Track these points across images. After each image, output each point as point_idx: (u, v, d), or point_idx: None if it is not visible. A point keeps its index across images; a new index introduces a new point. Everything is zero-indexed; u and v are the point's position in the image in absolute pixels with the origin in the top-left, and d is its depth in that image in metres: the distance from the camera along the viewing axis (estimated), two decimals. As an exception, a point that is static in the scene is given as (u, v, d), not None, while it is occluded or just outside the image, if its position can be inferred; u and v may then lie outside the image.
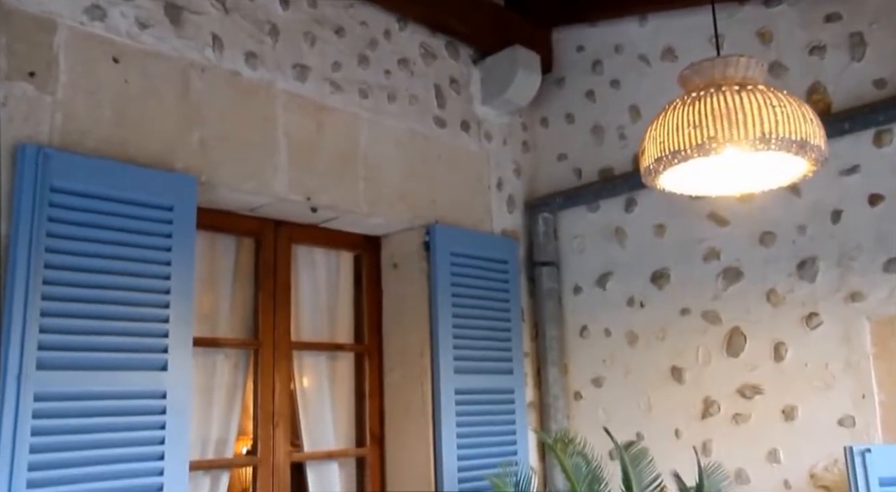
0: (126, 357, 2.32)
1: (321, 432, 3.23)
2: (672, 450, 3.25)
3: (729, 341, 3.27)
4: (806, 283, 3.10)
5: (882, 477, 2.57)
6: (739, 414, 3.21)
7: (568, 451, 2.61)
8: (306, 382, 3.23)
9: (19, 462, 2.06)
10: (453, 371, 3.20)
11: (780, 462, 3.10)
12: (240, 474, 6.13)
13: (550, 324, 3.64)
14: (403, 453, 3.24)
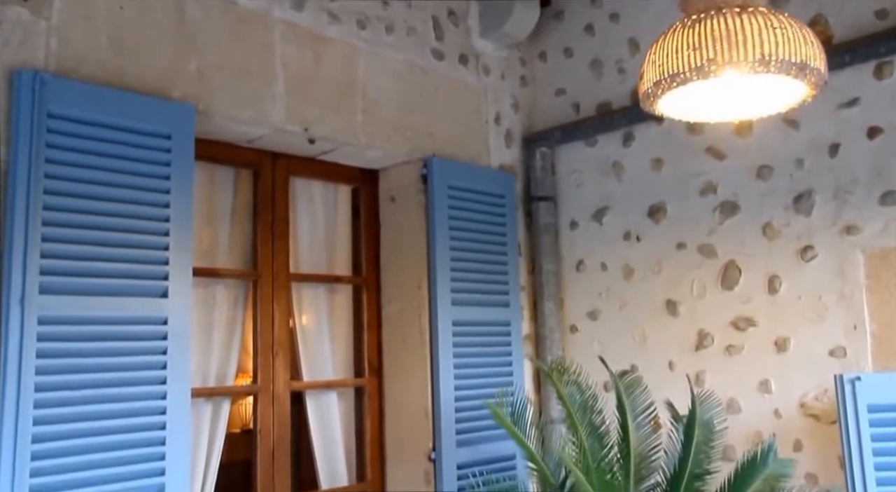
0: (127, 284, 2.35)
1: (320, 363, 3.30)
2: (665, 381, 3.33)
3: (724, 275, 3.32)
4: (802, 216, 3.13)
5: (871, 404, 2.64)
6: (732, 346, 3.28)
7: (563, 379, 2.68)
8: (305, 314, 3.28)
9: (25, 383, 2.12)
10: (451, 303, 3.26)
11: (771, 392, 3.18)
12: (240, 410, 6.27)
13: (547, 258, 3.68)
14: (401, 384, 3.32)
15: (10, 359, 2.10)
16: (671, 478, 2.54)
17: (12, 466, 2.07)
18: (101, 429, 2.25)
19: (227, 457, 2.97)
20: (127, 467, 2.29)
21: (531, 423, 2.63)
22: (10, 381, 2.09)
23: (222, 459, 2.94)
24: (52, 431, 2.16)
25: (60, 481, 2.16)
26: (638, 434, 2.61)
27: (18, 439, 2.08)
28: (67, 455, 2.18)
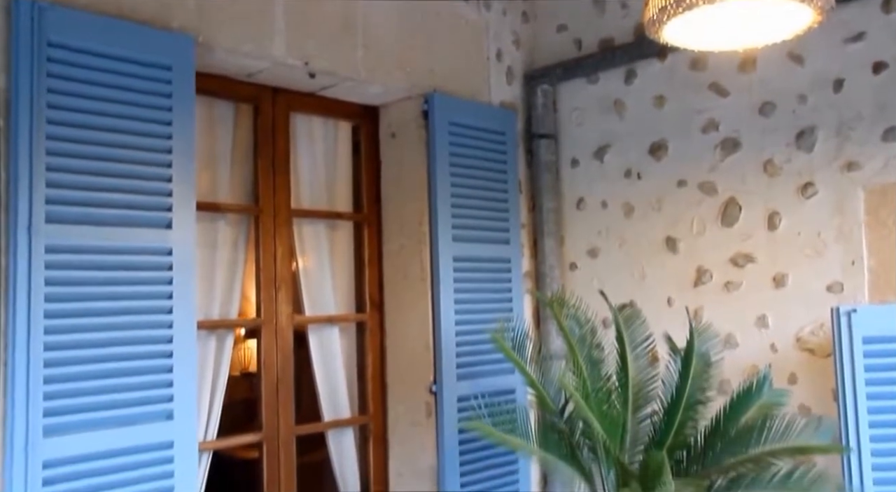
0: (132, 214, 2.38)
1: (322, 299, 3.35)
2: (664, 317, 3.39)
3: (724, 212, 3.35)
4: (803, 153, 3.15)
5: (866, 336, 2.70)
6: (731, 282, 3.33)
7: (563, 312, 2.72)
8: (306, 250, 3.31)
9: (36, 310, 2.16)
10: (451, 239, 3.29)
11: (768, 327, 3.25)
12: (240, 354, 6.36)
13: (547, 196, 3.70)
14: (402, 319, 3.38)
15: (19, 286, 2.13)
16: (668, 406, 2.61)
17: (26, 389, 2.12)
18: (110, 355, 2.30)
19: (229, 398, 3.03)
20: (136, 392, 2.35)
21: (531, 351, 2.68)
22: (21, 307, 2.13)
23: (225, 399, 3.00)
24: (64, 356, 2.21)
25: (73, 404, 2.22)
26: (636, 365, 2.67)
27: (31, 364, 2.13)
28: (79, 380, 2.24)
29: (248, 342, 6.22)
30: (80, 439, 2.23)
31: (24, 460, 2.11)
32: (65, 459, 2.19)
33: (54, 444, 2.17)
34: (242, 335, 6.22)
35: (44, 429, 2.15)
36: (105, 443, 2.27)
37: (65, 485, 2.19)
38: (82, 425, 2.24)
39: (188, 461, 2.45)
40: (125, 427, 2.32)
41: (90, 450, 2.24)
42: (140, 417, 2.35)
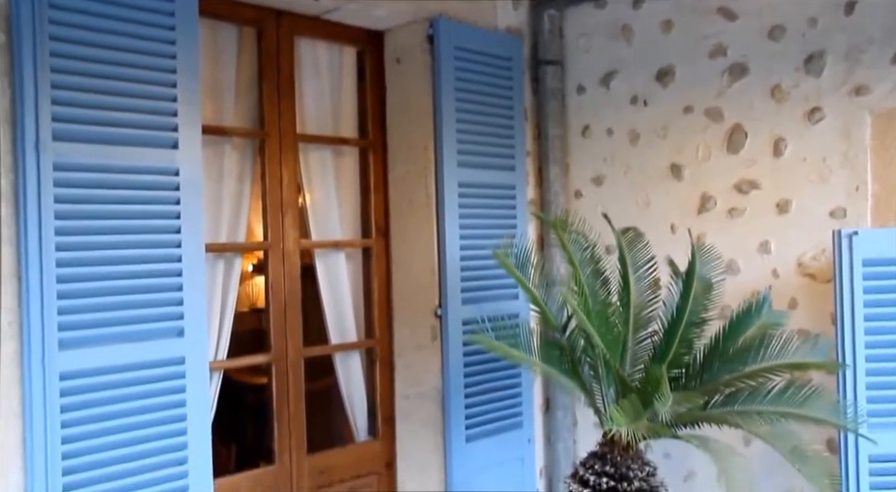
0: (138, 134, 2.40)
1: (328, 224, 3.39)
2: (667, 244, 3.40)
3: (729, 138, 3.35)
4: (812, 78, 3.13)
5: (866, 258, 2.73)
6: (735, 208, 3.35)
7: (567, 235, 2.75)
8: (312, 176, 3.33)
9: (46, 227, 2.20)
10: (456, 165, 3.31)
11: (770, 253, 3.28)
12: (247, 290, 6.44)
13: (553, 123, 3.70)
14: (408, 244, 3.42)
15: (30, 203, 2.17)
16: (668, 326, 2.66)
17: (40, 304, 2.18)
18: (121, 273, 2.36)
19: (238, 330, 3.09)
20: (147, 309, 2.41)
21: (534, 269, 2.72)
22: (32, 224, 2.17)
23: (235, 331, 3.06)
24: (76, 273, 2.27)
25: (86, 319, 2.29)
26: (638, 286, 2.72)
27: (44, 280, 2.19)
28: (91, 296, 2.30)
29: (256, 279, 6.29)
30: (95, 353, 2.30)
31: (42, 372, 2.19)
32: (80, 371, 2.27)
33: (70, 357, 2.24)
34: (250, 271, 6.29)
35: (59, 342, 2.22)
36: (118, 357, 2.34)
37: (81, 396, 2.27)
38: (96, 340, 2.31)
39: (199, 377, 2.52)
40: (137, 343, 2.39)
41: (104, 363, 2.32)
42: (152, 333, 2.42)
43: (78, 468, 2.26)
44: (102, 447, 2.30)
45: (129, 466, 2.35)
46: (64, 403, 2.23)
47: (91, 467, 2.28)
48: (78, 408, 2.26)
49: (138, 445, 2.37)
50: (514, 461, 3.56)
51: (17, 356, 2.19)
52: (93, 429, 2.29)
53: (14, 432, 2.18)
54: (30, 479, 2.18)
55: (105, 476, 2.31)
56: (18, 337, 2.19)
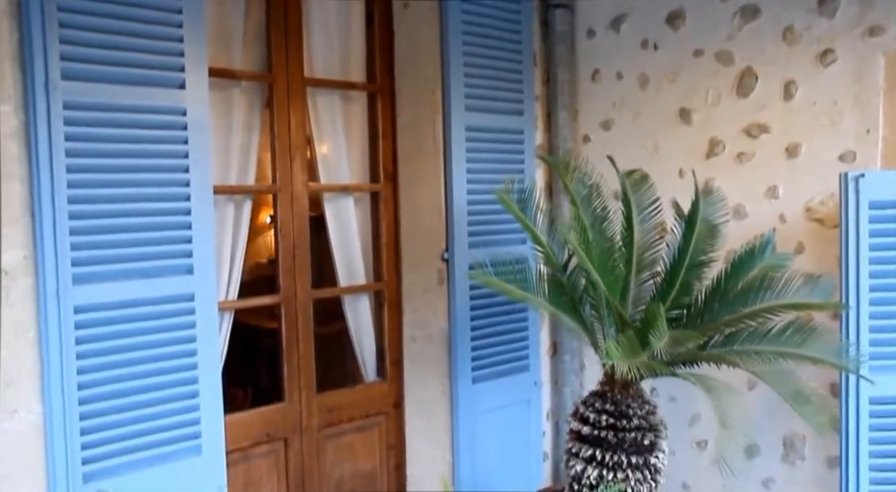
0: (146, 74, 2.46)
1: (336, 169, 3.43)
2: (676, 189, 3.43)
3: (740, 82, 3.34)
4: (825, 19, 3.10)
5: (873, 200, 2.74)
6: (744, 153, 3.36)
7: (571, 176, 2.78)
8: (321, 121, 3.36)
9: (58, 165, 2.28)
10: (464, 109, 3.34)
11: (777, 198, 3.30)
12: (266, 241, 6.51)
13: (562, 68, 3.70)
14: (416, 189, 3.47)
15: (41, 142, 2.24)
16: (671, 267, 2.70)
17: (54, 240, 2.27)
18: (132, 211, 2.44)
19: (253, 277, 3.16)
20: (157, 247, 2.50)
21: (538, 209, 2.75)
22: (44, 162, 2.25)
23: (249, 279, 3.13)
24: (87, 210, 2.35)
25: (98, 255, 2.38)
26: (641, 228, 2.75)
27: (57, 216, 2.27)
28: (102, 233, 2.39)
29: (273, 232, 6.34)
30: (108, 288, 2.39)
31: (57, 305, 2.28)
32: (94, 305, 2.36)
33: (83, 291, 2.34)
34: (268, 223, 6.36)
35: (73, 277, 2.31)
36: (130, 292, 2.44)
37: (95, 330, 2.37)
38: (108, 276, 2.40)
39: (208, 315, 2.62)
40: (148, 279, 2.48)
41: (117, 298, 2.41)
42: (162, 270, 2.51)
43: (93, 399, 2.37)
44: (116, 379, 2.41)
45: (142, 397, 2.46)
46: (79, 335, 2.33)
47: (106, 398, 2.39)
48: (92, 341, 2.36)
49: (151, 377, 2.48)
50: (520, 404, 3.65)
51: (33, 291, 2.28)
52: (107, 361, 2.39)
53: (32, 364, 2.28)
54: (48, 407, 2.29)
55: (119, 407, 2.42)
56: (34, 272, 2.28)
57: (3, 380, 2.23)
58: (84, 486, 2.34)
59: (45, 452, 2.29)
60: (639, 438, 2.61)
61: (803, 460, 3.35)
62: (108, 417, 2.40)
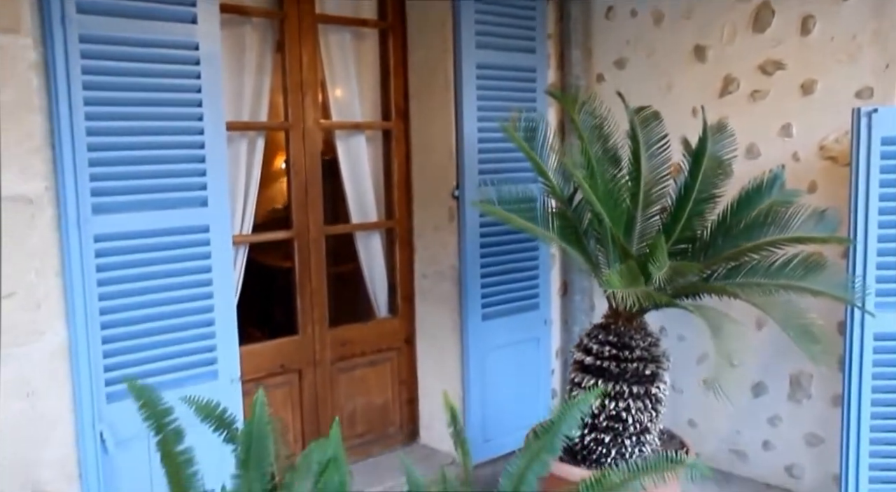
0: (157, 7, 2.56)
1: (348, 107, 3.54)
2: (688, 128, 3.45)
3: (756, 17, 3.37)
4: (845, -49, 3.12)
5: (885, 136, 2.79)
6: (758, 91, 3.41)
7: (579, 110, 2.85)
8: (332, 59, 3.46)
9: (76, 97, 2.40)
10: (475, 46, 3.41)
11: (791, 136, 3.36)
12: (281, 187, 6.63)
13: (576, 4, 3.74)
14: (427, 127, 3.57)
15: (59, 75, 2.37)
16: (677, 202, 2.79)
17: (74, 171, 2.41)
18: (148, 143, 2.58)
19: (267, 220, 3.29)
20: (173, 179, 2.64)
21: (545, 141, 2.84)
22: (62, 94, 2.37)
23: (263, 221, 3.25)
24: (105, 142, 2.48)
25: (116, 186, 2.52)
26: (649, 164, 2.83)
27: (76, 147, 2.41)
28: (120, 164, 2.53)
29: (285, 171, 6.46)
30: (126, 218, 2.54)
31: (78, 234, 2.44)
32: (113, 235, 2.52)
33: (103, 221, 2.49)
34: (283, 168, 6.47)
35: (92, 207, 2.46)
36: (148, 223, 2.59)
37: (115, 258, 2.53)
38: (126, 206, 2.55)
39: (223, 246, 2.76)
40: (165, 210, 2.62)
41: (135, 228, 2.56)
42: (178, 201, 2.65)
43: (115, 323, 2.54)
44: (136, 306, 2.58)
45: (161, 324, 2.63)
46: (99, 263, 2.49)
47: (126, 323, 2.57)
48: (112, 268, 2.52)
49: (169, 305, 2.65)
50: (529, 341, 3.80)
51: (55, 220, 2.44)
52: (126, 288, 2.56)
53: (56, 289, 2.45)
54: (72, 331, 2.46)
55: (139, 332, 2.59)
56: (55, 203, 2.43)
57: (32, 303, 2.40)
58: (108, 405, 2.53)
59: (71, 372, 2.47)
60: (640, 368, 2.74)
61: (809, 399, 3.48)
62: (129, 341, 2.57)
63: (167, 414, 1.51)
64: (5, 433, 2.39)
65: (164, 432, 1.48)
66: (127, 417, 2.53)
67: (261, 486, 1.42)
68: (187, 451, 1.49)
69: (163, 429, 1.48)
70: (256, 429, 1.46)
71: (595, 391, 1.73)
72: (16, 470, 2.41)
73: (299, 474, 1.47)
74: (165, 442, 1.48)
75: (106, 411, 2.53)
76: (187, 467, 1.49)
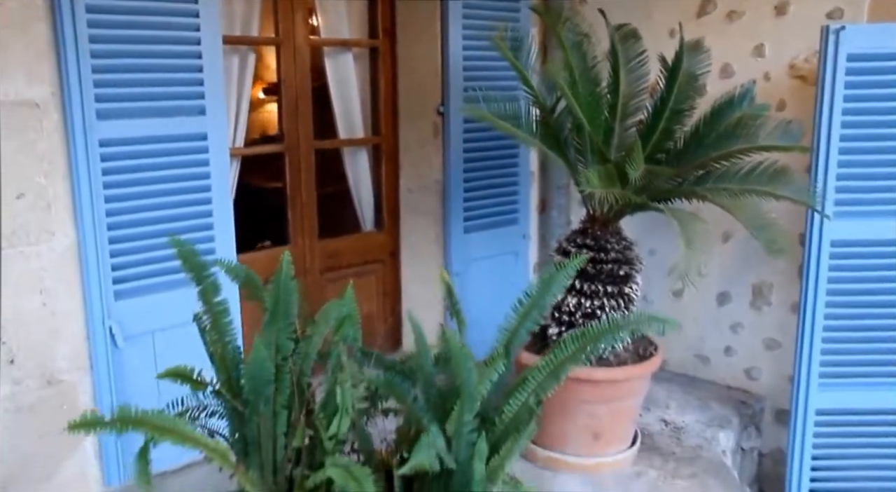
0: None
1: (336, 24, 3.68)
2: (665, 46, 3.61)
3: (734, -63, 3.55)
4: None
5: (851, 53, 3.00)
6: (734, 11, 3.62)
7: (563, 25, 3.03)
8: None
9: (78, 4, 2.53)
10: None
11: (764, 56, 3.58)
12: (262, 117, 6.72)
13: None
14: (412, 44, 3.73)
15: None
16: (653, 114, 3.01)
17: (79, 76, 2.56)
18: (148, 52, 2.72)
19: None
20: (172, 87, 2.80)
21: (529, 53, 3.03)
22: (65, 2, 2.50)
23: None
24: (107, 49, 2.63)
25: (119, 93, 2.68)
26: (627, 78, 3.04)
27: (80, 53, 2.55)
28: (122, 72, 2.67)
29: (268, 105, 6.58)
30: (129, 124, 2.71)
31: (84, 138, 2.60)
32: (117, 140, 2.69)
33: (107, 126, 2.65)
34: (261, 98, 6.57)
35: (97, 112, 2.62)
36: (149, 129, 2.76)
37: (119, 162, 2.71)
38: (129, 113, 2.71)
39: (220, 154, 2.94)
40: (165, 118, 2.79)
41: (137, 134, 2.73)
42: (177, 109, 2.82)
43: (120, 225, 2.73)
44: (140, 208, 2.77)
45: (163, 227, 2.82)
46: (104, 166, 2.66)
47: (131, 225, 2.76)
48: (117, 172, 2.70)
49: (170, 209, 2.84)
50: (508, 255, 4.05)
51: (62, 126, 2.60)
52: (131, 192, 2.74)
53: (64, 192, 2.63)
54: (81, 232, 2.65)
55: (144, 234, 2.79)
56: (61, 108, 2.59)
57: (42, 204, 2.58)
58: (116, 303, 2.74)
59: (81, 271, 2.67)
60: (615, 269, 3.00)
61: (770, 306, 3.79)
62: (134, 242, 2.77)
63: (205, 268, 1.71)
64: (22, 327, 2.60)
65: (203, 283, 1.69)
66: (134, 314, 2.79)
67: (286, 335, 1.64)
68: (223, 302, 1.70)
69: (202, 281, 1.69)
70: (283, 285, 1.67)
71: (581, 258, 1.95)
72: (33, 361, 2.63)
73: (318, 327, 1.70)
74: (206, 292, 1.69)
75: (114, 308, 2.74)
76: (224, 316, 1.71)
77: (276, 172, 3.75)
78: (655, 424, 3.62)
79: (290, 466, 1.64)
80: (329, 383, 1.65)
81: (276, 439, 1.62)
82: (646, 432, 3.48)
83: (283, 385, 1.61)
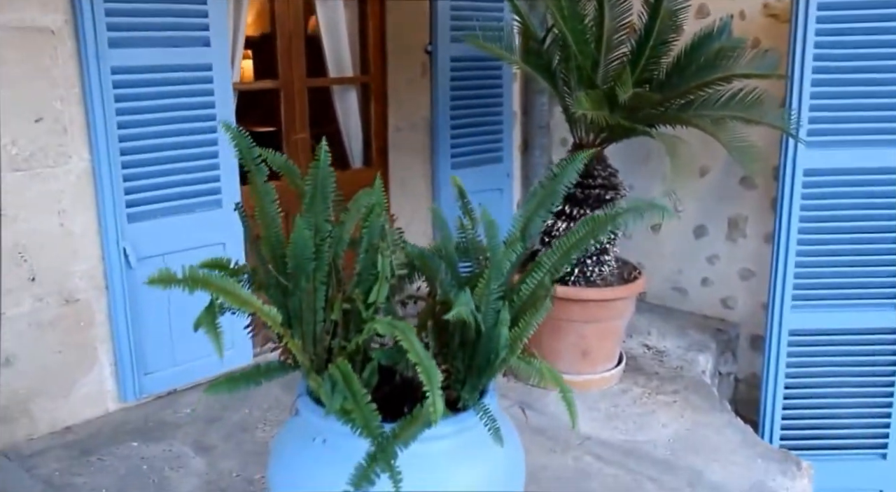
0: None
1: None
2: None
3: None
4: None
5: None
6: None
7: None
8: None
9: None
10: None
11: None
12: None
13: None
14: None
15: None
16: (637, 47, 3.28)
17: (91, 6, 2.74)
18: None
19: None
20: (178, 18, 3.00)
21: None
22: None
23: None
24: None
25: (131, 22, 2.88)
26: (611, 13, 3.30)
27: None
28: (131, 2, 2.87)
29: (244, 63, 6.71)
30: (139, 53, 2.93)
31: (97, 65, 2.80)
32: (129, 68, 2.89)
33: (119, 54, 2.85)
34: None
35: (109, 41, 2.83)
36: (158, 58, 2.97)
37: (131, 90, 2.92)
38: (139, 42, 2.91)
39: (224, 85, 3.16)
40: (172, 48, 3.01)
41: (147, 62, 2.93)
42: (183, 40, 3.03)
43: (132, 150, 2.94)
44: (151, 135, 2.99)
45: (172, 153, 3.04)
46: (117, 93, 2.86)
47: (142, 151, 2.97)
48: (129, 99, 2.91)
49: (179, 136, 3.06)
50: (493, 191, 4.33)
51: (76, 53, 2.79)
52: (142, 119, 2.95)
53: (80, 117, 2.83)
54: (96, 156, 2.85)
55: (154, 160, 3.00)
56: (74, 36, 2.78)
57: (59, 128, 2.78)
58: (129, 225, 2.96)
59: (96, 193, 2.88)
60: (602, 194, 3.29)
61: (745, 238, 4.13)
62: (146, 167, 2.98)
63: (253, 153, 1.91)
64: (42, 247, 2.80)
65: (251, 167, 1.91)
66: (146, 237, 3.01)
67: (324, 217, 1.88)
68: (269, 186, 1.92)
69: (249, 164, 1.91)
70: (322, 172, 1.89)
71: (588, 152, 2.21)
72: (52, 280, 2.84)
73: (351, 214, 1.93)
74: (253, 175, 1.92)
75: (128, 230, 2.96)
76: (270, 198, 1.93)
77: (269, 115, 3.94)
78: (638, 348, 3.94)
79: (328, 337, 1.88)
80: (362, 261, 1.90)
81: (316, 312, 1.86)
82: (629, 355, 3.80)
83: (321, 263, 1.85)
